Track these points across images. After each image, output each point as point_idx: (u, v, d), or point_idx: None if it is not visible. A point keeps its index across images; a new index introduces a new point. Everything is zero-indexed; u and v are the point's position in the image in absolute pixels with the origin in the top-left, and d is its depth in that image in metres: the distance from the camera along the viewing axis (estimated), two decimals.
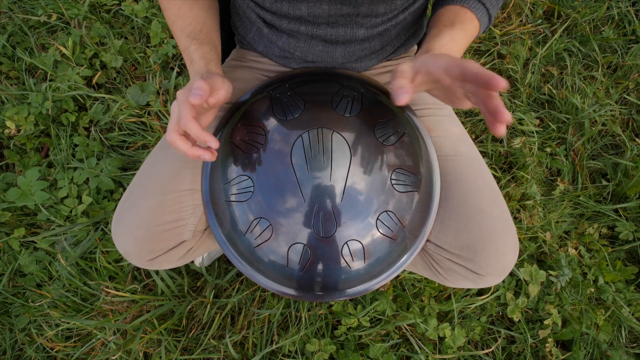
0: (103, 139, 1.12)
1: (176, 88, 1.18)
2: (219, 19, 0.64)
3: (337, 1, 0.54)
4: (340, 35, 0.59)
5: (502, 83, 0.36)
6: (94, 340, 0.91)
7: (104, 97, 1.16)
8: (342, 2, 0.54)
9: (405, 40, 0.69)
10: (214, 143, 0.47)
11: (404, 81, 0.44)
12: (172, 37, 1.26)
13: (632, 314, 1.00)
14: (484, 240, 0.54)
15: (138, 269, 0.99)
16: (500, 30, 1.34)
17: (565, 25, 1.34)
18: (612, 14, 1.39)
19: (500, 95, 1.22)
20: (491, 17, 0.58)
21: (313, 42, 0.61)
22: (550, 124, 1.21)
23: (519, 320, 0.97)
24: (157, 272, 0.93)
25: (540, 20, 1.36)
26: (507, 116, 0.37)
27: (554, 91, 1.26)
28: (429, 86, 0.47)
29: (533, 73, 1.27)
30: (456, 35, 0.53)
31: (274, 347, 0.90)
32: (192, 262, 0.97)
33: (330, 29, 0.59)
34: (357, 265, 0.54)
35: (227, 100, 0.54)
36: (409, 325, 0.94)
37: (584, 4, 1.40)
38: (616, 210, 1.12)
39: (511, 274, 1.00)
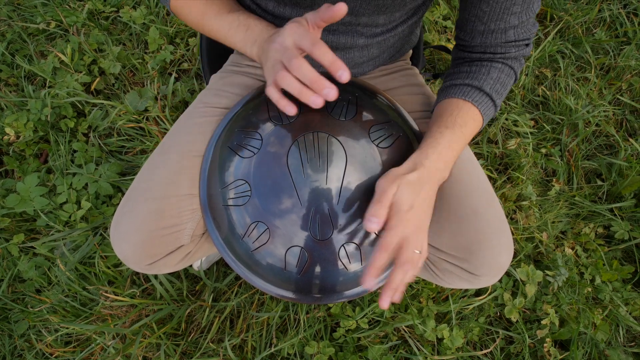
0: (102, 145, 1.13)
1: (174, 93, 1.19)
2: None
3: None
4: (340, 42, 0.60)
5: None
6: (93, 345, 0.91)
7: (103, 103, 1.17)
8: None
9: (400, 47, 0.71)
10: (334, 92, 0.42)
11: (380, 209, 0.46)
12: (169, 44, 1.27)
13: (630, 313, 1.00)
14: (479, 241, 0.55)
15: (137, 273, 0.99)
16: None
17: (558, 27, 1.36)
18: (603, 16, 1.41)
19: None
20: (497, 107, 0.58)
21: None
22: (544, 125, 1.22)
23: (517, 321, 0.97)
24: (155, 277, 0.94)
25: None
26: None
27: (547, 93, 1.28)
28: None
29: (527, 75, 1.28)
30: (454, 143, 0.53)
31: (272, 350, 0.90)
32: (191, 265, 0.97)
33: (331, 35, 0.60)
34: (355, 267, 0.55)
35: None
36: (407, 326, 0.94)
37: (576, 6, 1.41)
38: (611, 210, 1.13)
39: (508, 275, 1.01)
